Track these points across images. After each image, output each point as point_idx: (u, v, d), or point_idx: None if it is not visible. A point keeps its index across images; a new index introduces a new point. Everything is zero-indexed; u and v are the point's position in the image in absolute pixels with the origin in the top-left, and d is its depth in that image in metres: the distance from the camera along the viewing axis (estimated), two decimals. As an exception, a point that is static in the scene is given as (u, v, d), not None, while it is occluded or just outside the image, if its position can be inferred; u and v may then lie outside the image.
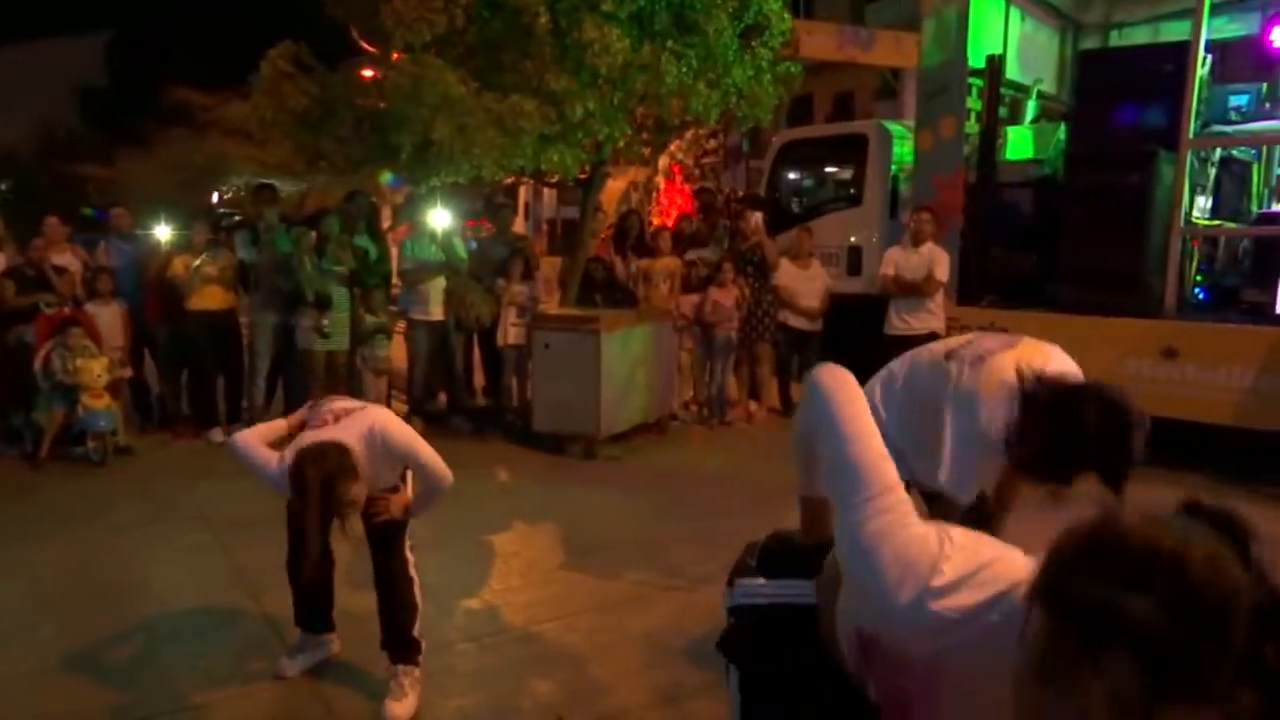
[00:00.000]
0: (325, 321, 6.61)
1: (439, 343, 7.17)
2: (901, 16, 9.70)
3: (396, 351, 7.45)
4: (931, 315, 6.84)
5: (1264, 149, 7.43)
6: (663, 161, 12.21)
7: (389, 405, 7.40)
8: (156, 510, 5.33)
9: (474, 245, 8.11)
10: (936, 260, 6.77)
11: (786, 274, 7.67)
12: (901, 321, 6.91)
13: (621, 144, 6.22)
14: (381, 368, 7.09)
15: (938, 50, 7.07)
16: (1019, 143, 7.82)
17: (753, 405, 8.06)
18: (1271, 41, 7.17)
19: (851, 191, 7.94)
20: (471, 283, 6.99)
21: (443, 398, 7.68)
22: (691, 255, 7.97)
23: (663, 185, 12.40)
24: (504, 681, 3.29)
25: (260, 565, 4.35)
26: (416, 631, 3.13)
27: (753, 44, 6.19)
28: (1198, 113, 6.16)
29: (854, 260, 7.90)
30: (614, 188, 14.30)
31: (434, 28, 5.23)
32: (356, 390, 6.82)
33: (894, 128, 7.98)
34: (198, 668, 3.38)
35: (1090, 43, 8.79)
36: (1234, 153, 6.93)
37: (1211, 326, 5.95)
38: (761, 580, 1.57)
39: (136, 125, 17.74)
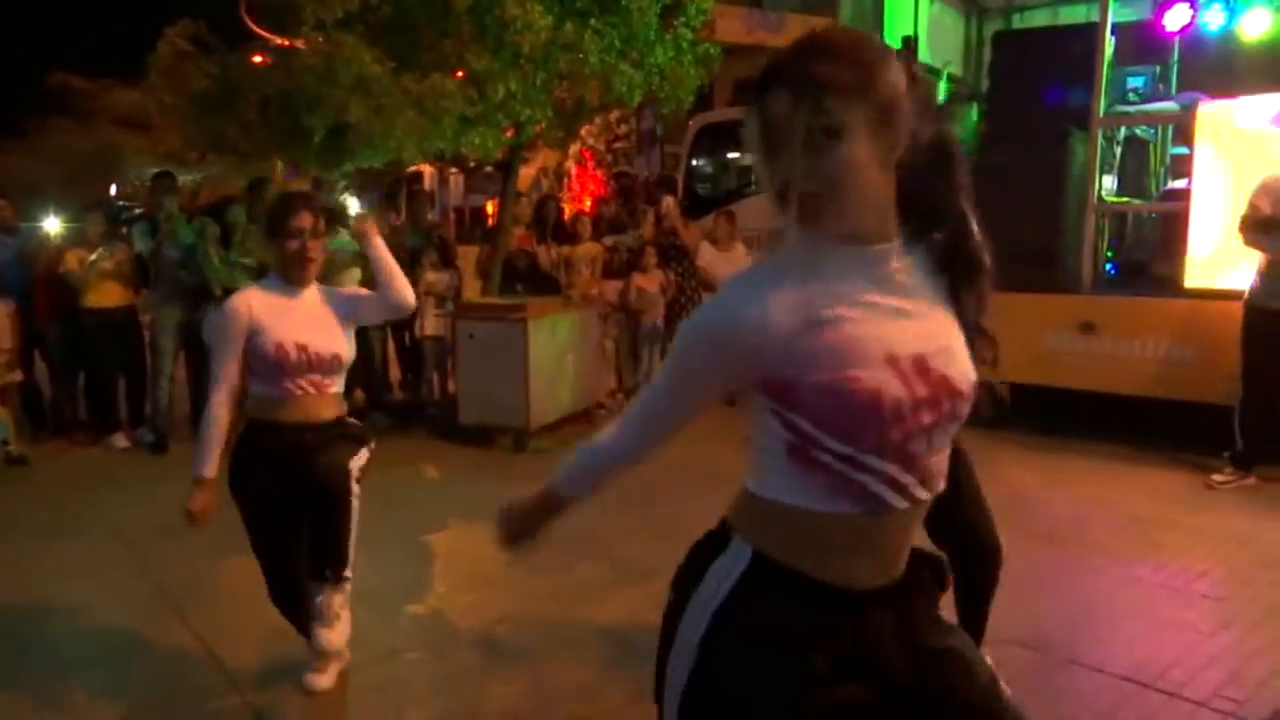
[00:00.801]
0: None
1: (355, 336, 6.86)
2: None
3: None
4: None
5: (1159, 128, 7.72)
6: (574, 147, 12.04)
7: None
8: (60, 524, 4.94)
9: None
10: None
11: (707, 256, 7.62)
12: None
13: (542, 126, 6.04)
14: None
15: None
16: (932, 124, 7.94)
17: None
18: (1164, 25, 7.44)
19: (771, 174, 7.93)
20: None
21: (359, 394, 7.39)
22: (610, 240, 7.86)
23: (574, 170, 12.23)
24: (463, 689, 3.13)
25: (182, 581, 4.07)
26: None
27: (674, 23, 6.08)
28: (1105, 93, 6.35)
29: (777, 243, 7.90)
30: (525, 174, 14.05)
31: (347, 3, 4.96)
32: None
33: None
34: (123, 696, 3.11)
35: (993, 26, 9.00)
36: (1136, 132, 7.17)
37: (1126, 301, 6.14)
38: None
39: (13, 115, 16.61)
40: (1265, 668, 3.14)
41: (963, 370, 1.24)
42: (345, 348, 2.84)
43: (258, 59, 6.12)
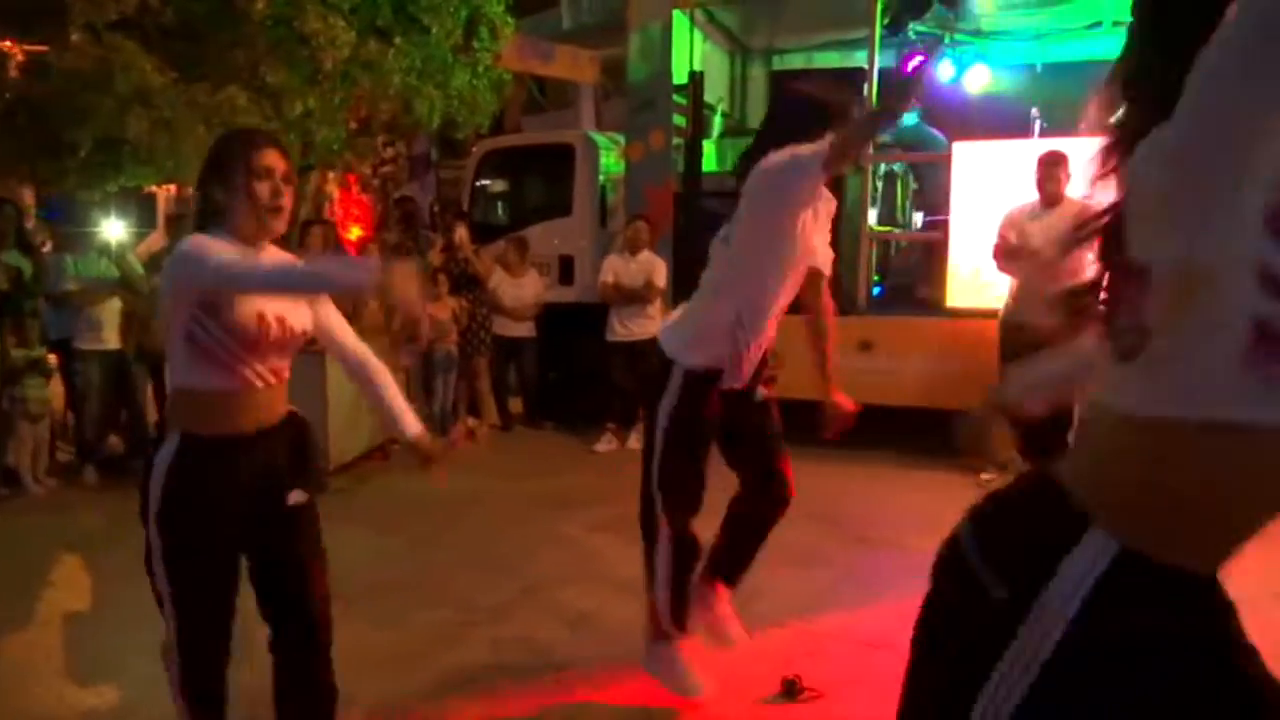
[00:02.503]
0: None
1: (115, 376, 6.11)
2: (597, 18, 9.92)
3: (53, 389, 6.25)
4: (651, 321, 7.07)
5: (905, 165, 8.57)
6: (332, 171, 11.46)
7: (52, 456, 6.21)
8: None
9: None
10: (655, 268, 7.02)
11: (499, 283, 7.53)
12: (623, 328, 7.09)
13: (336, 147, 5.71)
14: (39, 411, 5.89)
15: (643, 64, 7.32)
16: (708, 158, 8.34)
17: (471, 422, 7.82)
18: (909, 72, 8.29)
19: (560, 201, 7.98)
20: (155, 303, 6.05)
21: (115, 440, 6.58)
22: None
23: (337, 194, 11.61)
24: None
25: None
26: None
27: (473, 46, 5.98)
28: (872, 131, 6.95)
29: (566, 269, 7.94)
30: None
31: (123, 5, 4.43)
32: (4, 440, 5.65)
33: (599, 138, 8.14)
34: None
35: (755, 67, 9.62)
36: (894, 167, 7.91)
37: (900, 320, 6.74)
38: None
39: None
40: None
41: None
42: (310, 321, 2.32)
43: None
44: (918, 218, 8.88)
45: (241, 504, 2.20)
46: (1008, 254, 5.73)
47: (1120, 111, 1.11)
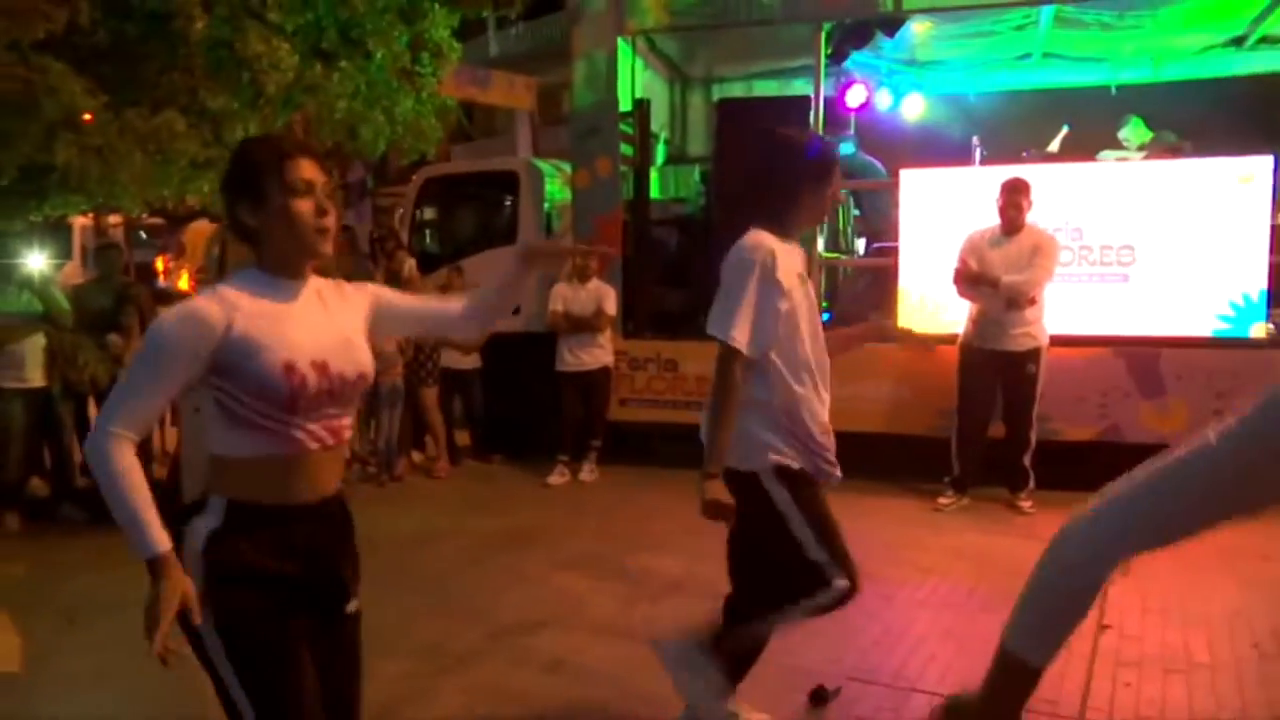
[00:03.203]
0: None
1: (38, 414, 5.75)
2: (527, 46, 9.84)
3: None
4: (602, 350, 6.96)
5: (846, 192, 8.65)
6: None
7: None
8: None
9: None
10: (604, 296, 6.91)
11: (444, 313, 7.33)
12: (573, 357, 6.95)
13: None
14: (-49, 455, 5.50)
15: (589, 92, 7.25)
16: (653, 185, 8.29)
17: (417, 456, 7.59)
18: (846, 102, 8.41)
19: (504, 230, 7.82)
20: (81, 338, 5.72)
21: (36, 482, 6.19)
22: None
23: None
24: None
25: None
26: None
27: (419, 71, 5.82)
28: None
29: (512, 298, 7.77)
30: (200, 228, 12.72)
31: (51, 24, 4.17)
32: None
33: (543, 166, 8.02)
34: None
35: (694, 95, 9.64)
36: (842, 194, 7.96)
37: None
38: None
39: None
40: (1080, 672, 3.51)
41: None
42: (370, 361, 1.96)
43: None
44: (860, 244, 8.98)
45: (297, 581, 1.85)
46: (968, 279, 5.78)
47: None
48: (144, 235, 14.16)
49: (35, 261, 6.47)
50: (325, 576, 1.90)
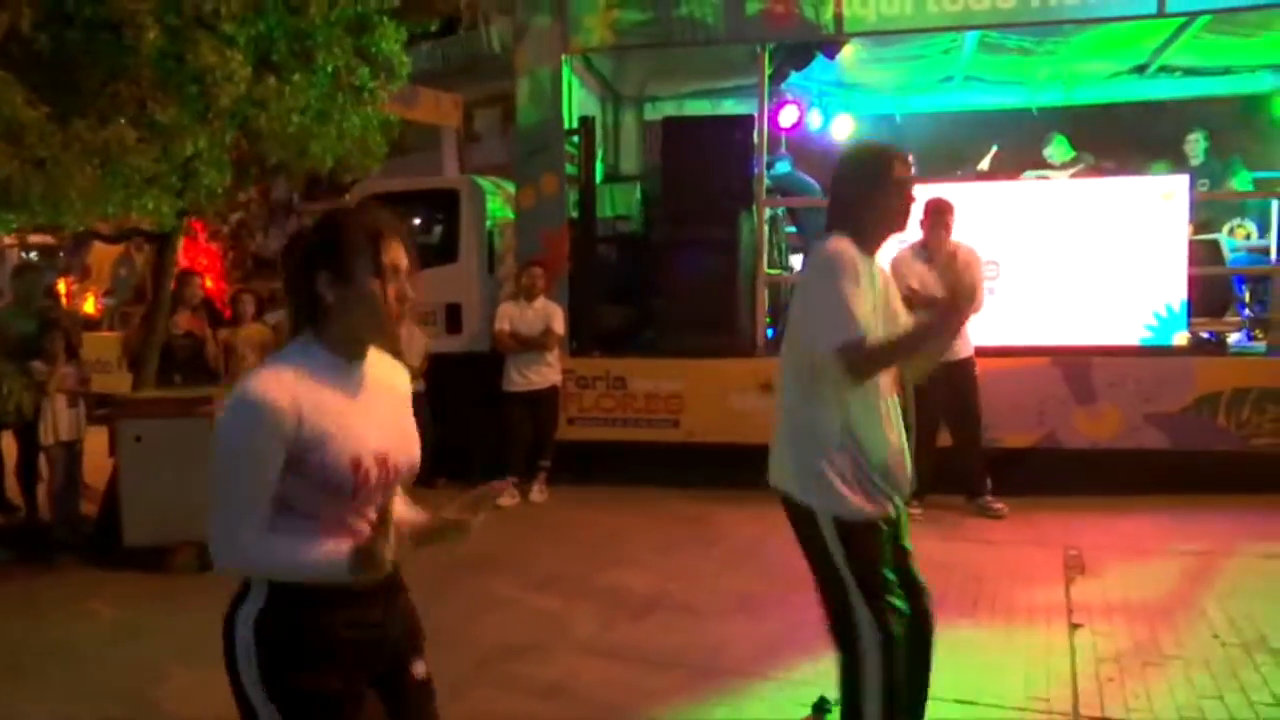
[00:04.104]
0: None
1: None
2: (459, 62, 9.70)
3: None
4: (550, 368, 6.90)
5: (782, 210, 8.80)
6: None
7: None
8: None
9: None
10: (552, 314, 6.86)
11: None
12: (521, 377, 6.86)
13: (220, 191, 5.26)
14: None
15: (533, 109, 7.21)
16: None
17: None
18: (779, 122, 8.59)
19: (445, 248, 7.68)
20: (3, 365, 5.38)
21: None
22: (273, 319, 7.09)
23: (181, 244, 10.71)
24: None
25: None
26: None
27: (369, 86, 5.68)
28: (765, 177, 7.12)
29: (453, 318, 7.62)
30: (105, 250, 12.10)
31: (-9, 30, 3.93)
32: None
33: (484, 183, 7.92)
34: None
35: (627, 114, 9.69)
36: (779, 212, 8.09)
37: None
38: None
39: None
40: (1065, 669, 3.63)
41: None
42: (419, 453, 1.91)
43: None
44: (796, 261, 9.13)
45: (353, 659, 1.78)
46: (921, 304, 5.92)
47: None
48: (33, 256, 13.47)
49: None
50: (377, 642, 1.84)
